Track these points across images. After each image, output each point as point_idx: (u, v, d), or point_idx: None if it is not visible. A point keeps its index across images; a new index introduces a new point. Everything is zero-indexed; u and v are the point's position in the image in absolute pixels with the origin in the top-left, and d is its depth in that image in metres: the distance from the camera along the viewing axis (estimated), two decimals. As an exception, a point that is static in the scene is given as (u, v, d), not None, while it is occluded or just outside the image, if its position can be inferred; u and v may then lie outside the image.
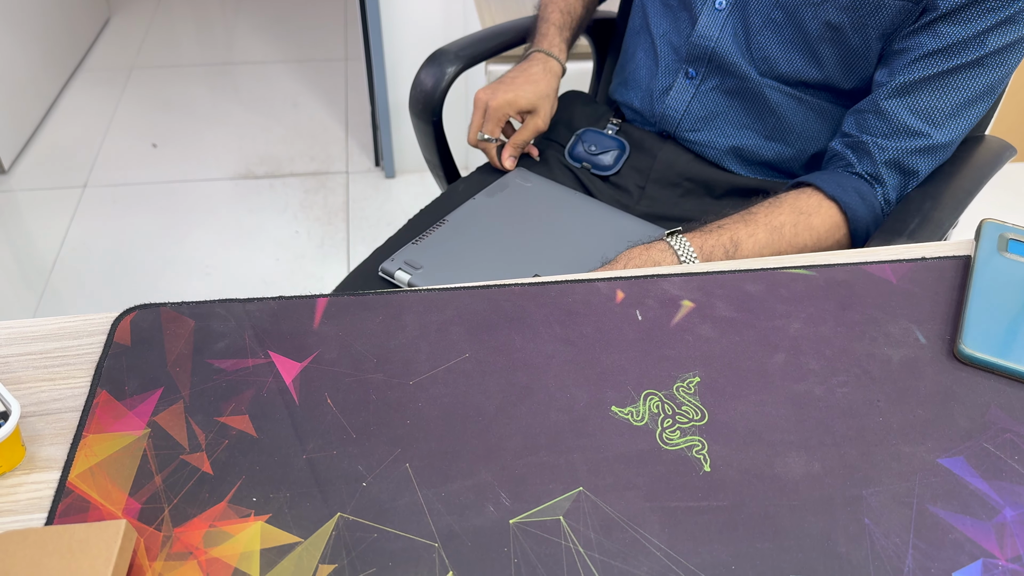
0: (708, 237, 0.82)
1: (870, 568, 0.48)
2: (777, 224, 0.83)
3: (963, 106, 0.83)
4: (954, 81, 0.81)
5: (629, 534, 0.49)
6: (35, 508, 0.51)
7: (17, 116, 2.19)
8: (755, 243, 0.82)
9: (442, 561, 0.48)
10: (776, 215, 0.84)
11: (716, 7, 0.95)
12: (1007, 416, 0.56)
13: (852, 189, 0.85)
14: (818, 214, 0.85)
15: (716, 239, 0.82)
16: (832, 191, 0.85)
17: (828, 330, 0.62)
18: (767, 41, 0.91)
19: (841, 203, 0.85)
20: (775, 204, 0.85)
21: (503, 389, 0.58)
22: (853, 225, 0.86)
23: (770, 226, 0.83)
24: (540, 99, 1.01)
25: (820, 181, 0.86)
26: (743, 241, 0.82)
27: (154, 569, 0.48)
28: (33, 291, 1.82)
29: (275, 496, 0.51)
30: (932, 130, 0.83)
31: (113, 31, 2.81)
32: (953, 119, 0.83)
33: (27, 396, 0.57)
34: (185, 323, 0.62)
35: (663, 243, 0.82)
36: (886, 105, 0.84)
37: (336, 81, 2.54)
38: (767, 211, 0.84)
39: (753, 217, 0.84)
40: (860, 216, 0.85)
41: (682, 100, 1.01)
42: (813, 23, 0.87)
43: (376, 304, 0.64)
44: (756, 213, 0.84)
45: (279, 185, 2.12)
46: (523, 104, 1.01)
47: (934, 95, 0.82)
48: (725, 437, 0.55)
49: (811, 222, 0.84)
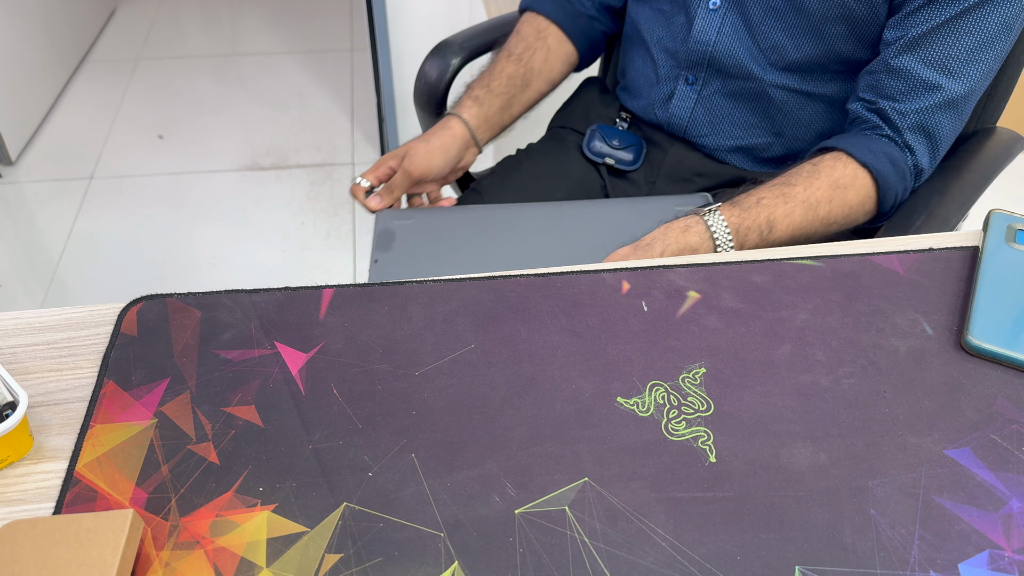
0: (746, 216, 0.81)
1: (876, 559, 0.48)
2: (814, 201, 0.82)
3: (978, 49, 0.80)
4: (964, 24, 0.79)
5: (634, 524, 0.49)
6: (43, 498, 0.51)
7: (23, 108, 2.19)
8: (790, 223, 0.82)
9: (447, 551, 0.48)
10: (815, 190, 0.83)
11: (710, 7, 0.93)
12: (1014, 407, 0.56)
13: (884, 155, 0.84)
14: (853, 186, 0.84)
15: (753, 219, 0.81)
16: (863, 157, 0.83)
17: (834, 321, 0.62)
18: (772, 30, 0.90)
19: (873, 170, 0.83)
20: (813, 176, 0.83)
21: (508, 380, 0.58)
22: (882, 193, 0.84)
23: (807, 203, 0.82)
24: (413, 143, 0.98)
25: (851, 147, 0.84)
26: (779, 221, 0.81)
27: (161, 558, 0.48)
28: (40, 282, 1.82)
29: (281, 486, 0.51)
30: (948, 81, 0.81)
31: (119, 22, 2.81)
32: (969, 65, 0.81)
33: (35, 386, 0.58)
34: (191, 314, 0.62)
35: (700, 225, 0.80)
36: (898, 63, 0.82)
37: (342, 72, 2.54)
38: (806, 184, 0.83)
39: (791, 192, 0.82)
40: (891, 184, 0.84)
41: (685, 108, 1.00)
42: (815, 3, 0.86)
43: (382, 295, 0.64)
44: (795, 186, 0.83)
45: (285, 176, 2.12)
46: (400, 152, 0.99)
47: (945, 43, 0.80)
48: (731, 428, 0.55)
49: (847, 197, 0.83)
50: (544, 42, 1.05)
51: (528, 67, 1.04)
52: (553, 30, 1.06)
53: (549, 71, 1.06)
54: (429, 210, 0.98)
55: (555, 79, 1.08)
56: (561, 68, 1.08)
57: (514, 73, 1.03)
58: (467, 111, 1.00)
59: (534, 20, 1.07)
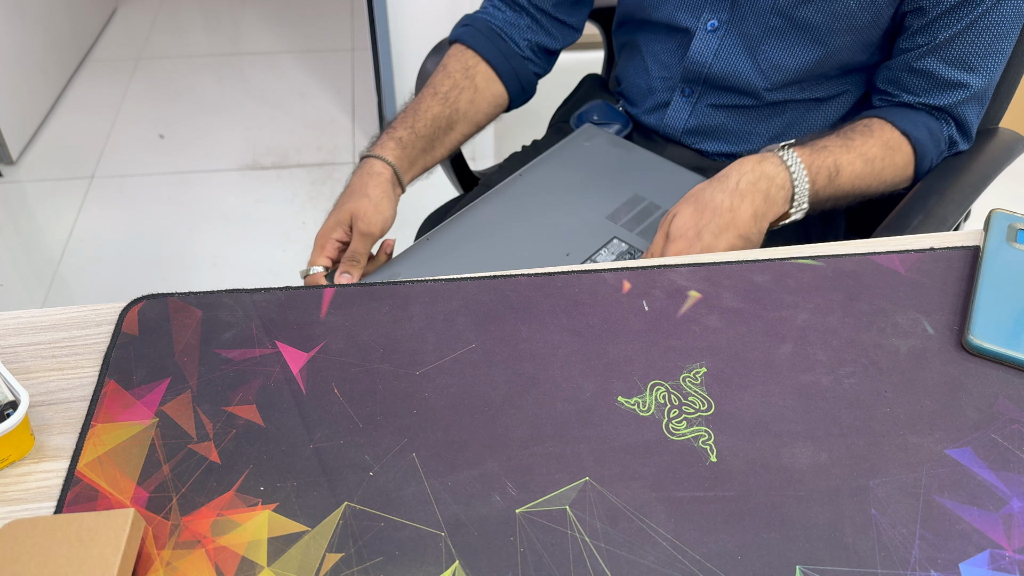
0: (815, 156, 0.82)
1: (877, 559, 0.48)
2: (871, 156, 0.84)
3: (995, 42, 0.82)
4: (982, 24, 0.81)
5: (635, 524, 0.49)
6: (44, 497, 0.52)
7: (24, 107, 2.19)
8: (852, 171, 0.83)
9: (448, 550, 0.48)
10: (871, 146, 0.85)
11: (708, 28, 0.93)
12: (1015, 407, 0.56)
13: (923, 124, 0.86)
14: (899, 151, 0.86)
15: (822, 160, 0.82)
16: (904, 126, 0.86)
17: (835, 321, 0.62)
18: (771, 49, 0.90)
19: (912, 139, 0.86)
20: (867, 134, 0.86)
21: (509, 379, 0.58)
22: (919, 160, 0.87)
23: (865, 156, 0.84)
24: (356, 203, 0.86)
25: (892, 116, 0.87)
26: (844, 167, 0.83)
27: (162, 557, 0.48)
28: (41, 281, 1.83)
29: (282, 485, 0.51)
30: (971, 77, 0.84)
31: (120, 21, 2.81)
32: (988, 59, 0.83)
33: (36, 386, 0.58)
34: (192, 313, 0.62)
35: (775, 157, 0.81)
36: (920, 64, 0.84)
37: (343, 72, 2.54)
38: (862, 140, 0.85)
39: (851, 143, 0.84)
40: (927, 153, 0.87)
41: (680, 118, 1.00)
42: (818, 16, 0.85)
43: (383, 294, 0.64)
44: (853, 140, 0.85)
45: (286, 176, 2.12)
46: (344, 218, 0.86)
47: (965, 44, 0.82)
48: (731, 427, 0.55)
49: (895, 159, 0.86)
50: (472, 81, 0.98)
51: (453, 108, 0.96)
52: (483, 68, 0.99)
53: (475, 113, 0.99)
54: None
55: (481, 122, 1.01)
56: (488, 110, 1.01)
57: (439, 114, 0.95)
58: (390, 153, 0.91)
59: (462, 55, 0.99)
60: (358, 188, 0.88)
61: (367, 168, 0.90)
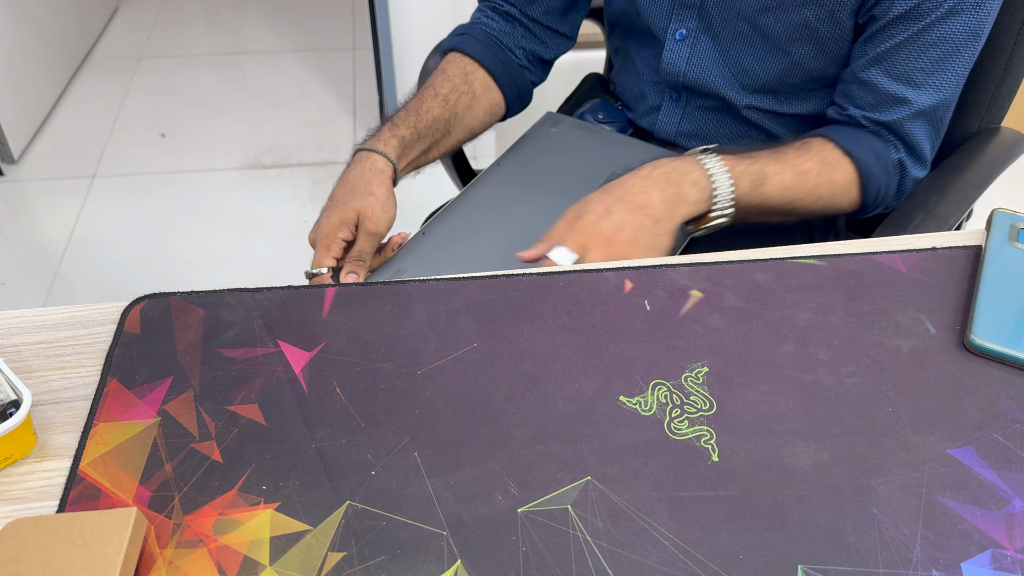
0: (740, 162, 0.80)
1: (878, 558, 0.48)
2: (803, 169, 0.82)
3: (943, 60, 0.79)
4: (928, 38, 0.78)
5: (637, 523, 0.49)
6: (47, 496, 0.52)
7: (26, 106, 2.19)
8: (780, 181, 0.81)
9: (450, 549, 0.48)
10: (804, 160, 0.83)
11: (676, 38, 0.92)
12: (1017, 406, 0.56)
13: (868, 147, 0.84)
14: (839, 169, 0.84)
15: (746, 166, 0.80)
16: (848, 146, 0.84)
17: (837, 320, 0.62)
18: (740, 54, 0.90)
19: (856, 159, 0.83)
20: (803, 149, 0.84)
21: (511, 379, 0.58)
22: (865, 182, 0.84)
23: (797, 169, 0.82)
24: (363, 202, 0.85)
25: (837, 135, 0.85)
26: (771, 176, 0.81)
27: (164, 557, 0.48)
28: (43, 281, 1.83)
29: (284, 484, 0.51)
30: (914, 93, 0.81)
31: (122, 20, 2.81)
32: (934, 76, 0.80)
33: (38, 385, 0.58)
34: (195, 312, 0.62)
35: (693, 158, 0.80)
36: (865, 75, 0.82)
37: (344, 71, 2.54)
38: (796, 154, 0.83)
39: (783, 156, 0.83)
40: (873, 174, 0.84)
41: (672, 122, 1.00)
42: (778, 26, 0.85)
43: (384, 294, 0.64)
44: (786, 153, 0.83)
45: (287, 175, 2.12)
46: (350, 217, 0.84)
47: (910, 57, 0.80)
48: (733, 427, 0.55)
49: (833, 175, 0.83)
50: (470, 87, 0.97)
51: (452, 111, 0.95)
52: (480, 75, 0.98)
53: (471, 119, 0.98)
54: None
55: (476, 129, 1.00)
56: (484, 117, 1.00)
57: (439, 117, 0.94)
58: (392, 150, 0.89)
59: (460, 61, 0.98)
60: (361, 186, 0.86)
61: (369, 164, 0.88)
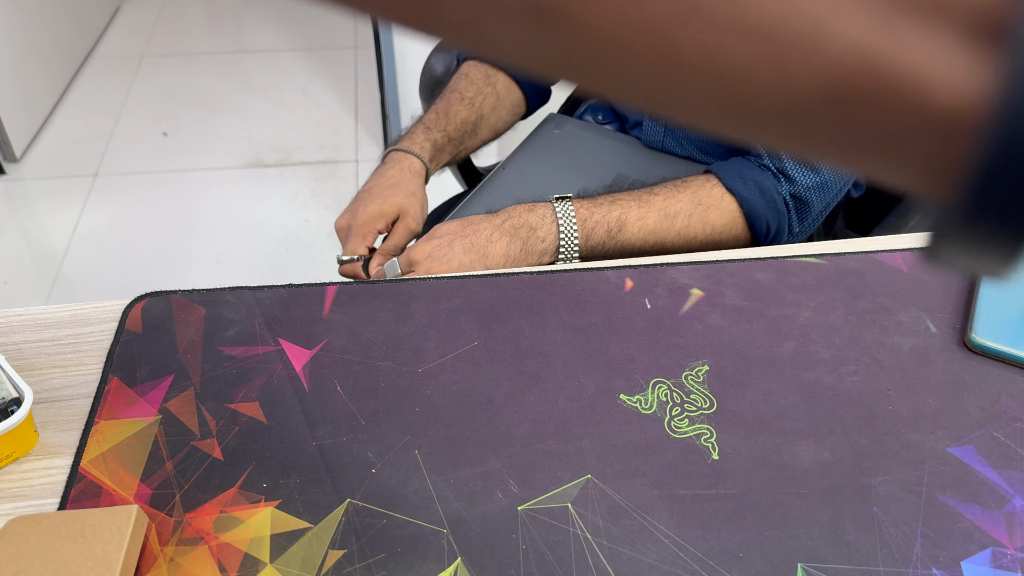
0: (596, 210, 0.79)
1: (879, 556, 0.48)
2: (672, 212, 0.80)
3: None
4: None
5: (637, 521, 0.49)
6: (48, 493, 0.52)
7: (28, 105, 2.19)
8: (642, 227, 0.79)
9: (451, 547, 0.48)
10: (674, 202, 0.81)
11: None
12: (1018, 405, 0.56)
13: (753, 183, 0.81)
14: (717, 208, 0.81)
15: (603, 215, 0.79)
16: (730, 183, 0.81)
17: (838, 318, 0.62)
18: None
19: (738, 197, 0.81)
20: (678, 189, 0.82)
21: (512, 377, 0.58)
22: (751, 221, 0.81)
23: (664, 212, 0.80)
24: (406, 200, 0.89)
25: (723, 172, 0.83)
26: (630, 223, 0.79)
27: (165, 554, 0.48)
28: (45, 279, 1.83)
29: (285, 482, 0.52)
30: None
31: (123, 19, 2.81)
32: None
33: (39, 383, 0.58)
34: (196, 310, 0.62)
35: (548, 207, 0.79)
36: None
37: (346, 69, 2.54)
38: (667, 195, 0.81)
39: (651, 199, 0.81)
40: (758, 213, 0.81)
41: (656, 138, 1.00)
42: None
43: (385, 292, 0.64)
44: (657, 195, 0.81)
45: (289, 174, 2.12)
46: (390, 211, 0.88)
47: None
48: (734, 425, 0.55)
49: (708, 216, 0.81)
50: (493, 88, 1.00)
51: (479, 113, 0.99)
52: (501, 77, 1.01)
53: (496, 120, 1.02)
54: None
55: (499, 129, 1.03)
56: (507, 118, 1.03)
57: (467, 119, 0.98)
58: (426, 153, 0.93)
59: (480, 65, 1.02)
60: (403, 184, 0.90)
61: (407, 165, 0.92)
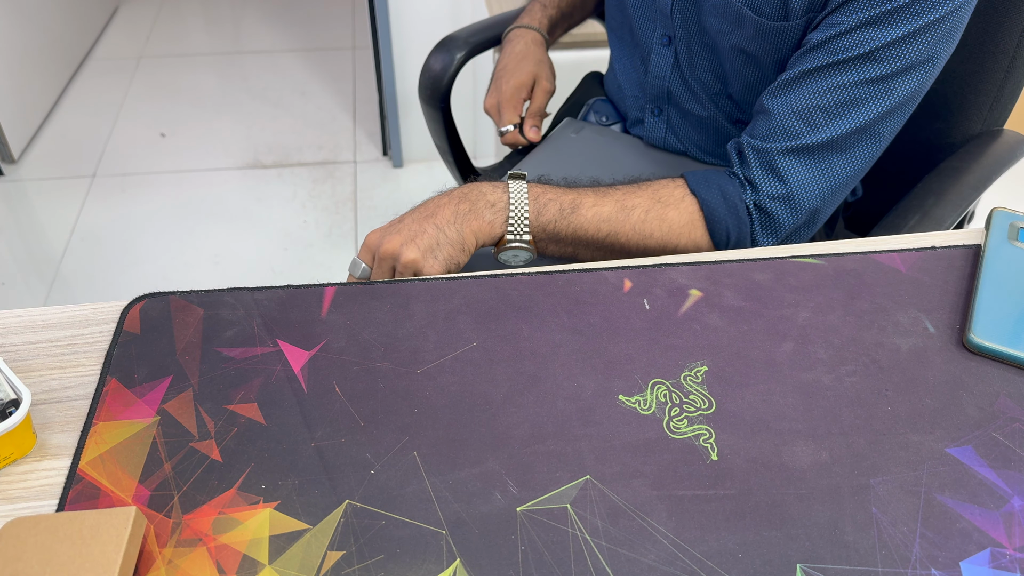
0: (551, 191, 0.78)
1: (877, 557, 0.48)
2: (630, 205, 0.79)
3: (845, 105, 0.74)
4: (836, 79, 0.73)
5: (636, 522, 0.49)
6: (46, 495, 0.52)
7: (26, 106, 2.19)
8: (596, 213, 0.78)
9: (449, 548, 0.48)
10: (632, 197, 0.80)
11: (662, 43, 0.92)
12: (1016, 405, 0.56)
13: (716, 187, 0.80)
14: (676, 207, 0.80)
15: (557, 195, 0.77)
16: (694, 185, 0.80)
17: (836, 319, 0.62)
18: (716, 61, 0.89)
19: (700, 199, 0.79)
20: (638, 187, 0.81)
21: (510, 378, 0.58)
22: (711, 225, 0.80)
23: (622, 204, 0.79)
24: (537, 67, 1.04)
25: (691, 176, 0.82)
26: (585, 207, 0.77)
27: (164, 555, 0.48)
28: (43, 280, 1.83)
29: (284, 483, 0.51)
30: (807, 131, 0.76)
31: (122, 20, 2.81)
32: (834, 120, 0.74)
33: (37, 384, 0.58)
34: (194, 312, 0.62)
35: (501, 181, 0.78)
36: (769, 103, 0.78)
37: (344, 70, 2.54)
38: (628, 190, 0.80)
39: (610, 191, 0.80)
40: (719, 217, 0.79)
41: (658, 136, 1.00)
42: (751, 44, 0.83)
43: (384, 293, 0.64)
44: (616, 190, 0.80)
45: (287, 174, 2.12)
46: (528, 80, 1.03)
47: (813, 94, 0.75)
48: (732, 426, 0.55)
49: (666, 213, 0.79)
50: None
51: None
52: None
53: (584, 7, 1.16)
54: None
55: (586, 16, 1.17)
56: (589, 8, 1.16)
57: None
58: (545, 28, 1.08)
59: None
60: (531, 55, 1.05)
61: (530, 38, 1.07)
